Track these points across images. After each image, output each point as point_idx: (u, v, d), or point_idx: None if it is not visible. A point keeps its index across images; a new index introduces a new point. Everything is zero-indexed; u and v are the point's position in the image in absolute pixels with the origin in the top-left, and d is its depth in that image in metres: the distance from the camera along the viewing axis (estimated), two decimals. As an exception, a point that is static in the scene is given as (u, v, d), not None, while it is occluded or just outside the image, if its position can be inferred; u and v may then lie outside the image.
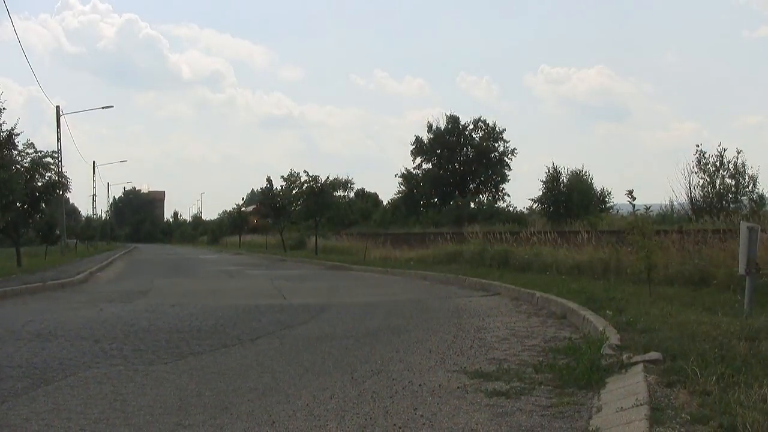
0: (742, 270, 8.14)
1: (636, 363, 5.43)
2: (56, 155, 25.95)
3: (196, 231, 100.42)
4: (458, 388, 5.44)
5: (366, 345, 7.66)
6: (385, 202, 59.15)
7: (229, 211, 67.41)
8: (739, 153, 26.00)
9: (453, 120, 52.88)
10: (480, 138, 52.59)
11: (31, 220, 25.44)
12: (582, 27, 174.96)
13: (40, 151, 23.36)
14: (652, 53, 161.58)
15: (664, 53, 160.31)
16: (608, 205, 38.50)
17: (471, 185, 51.97)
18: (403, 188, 52.25)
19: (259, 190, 48.27)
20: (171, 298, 13.57)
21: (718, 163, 26.23)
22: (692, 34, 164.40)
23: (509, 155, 52.64)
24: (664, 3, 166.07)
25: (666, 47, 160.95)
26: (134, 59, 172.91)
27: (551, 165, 37.83)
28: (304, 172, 35.22)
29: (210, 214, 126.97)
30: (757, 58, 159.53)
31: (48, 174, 23.80)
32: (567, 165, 41.92)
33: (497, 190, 52.50)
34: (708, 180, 26.35)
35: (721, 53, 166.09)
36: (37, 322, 9.62)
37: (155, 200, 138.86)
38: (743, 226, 8.20)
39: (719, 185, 26.16)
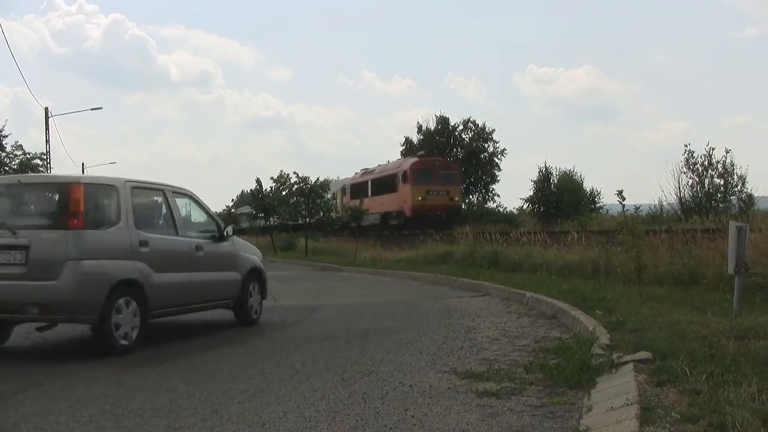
0: (731, 269, 8.17)
1: (626, 362, 5.45)
2: (45, 157, 25.85)
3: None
4: (449, 388, 5.44)
5: (356, 346, 7.65)
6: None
7: (219, 212, 67.57)
8: (727, 153, 26.19)
9: (443, 120, 52.98)
10: (470, 138, 52.71)
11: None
12: (570, 27, 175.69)
13: (29, 153, 23.35)
14: (640, 53, 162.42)
15: (652, 53, 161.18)
16: (598, 205, 38.69)
17: (461, 186, 52.04)
18: (394, 189, 52.24)
19: (249, 191, 48.15)
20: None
21: (706, 163, 26.42)
22: (679, 34, 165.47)
23: (499, 156, 52.81)
24: (651, 3, 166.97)
25: (653, 47, 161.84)
26: (122, 60, 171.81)
27: (542, 165, 38.08)
28: (294, 173, 35.22)
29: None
30: (744, 58, 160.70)
31: (37, 176, 23.70)
32: (557, 165, 42.05)
33: (487, 190, 52.65)
34: (697, 180, 26.53)
35: (709, 53, 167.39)
36: (26, 325, 9.50)
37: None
38: (732, 225, 8.23)
39: (708, 185, 26.34)
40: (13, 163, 22.80)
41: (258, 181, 41.55)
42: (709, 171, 26.34)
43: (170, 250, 8.29)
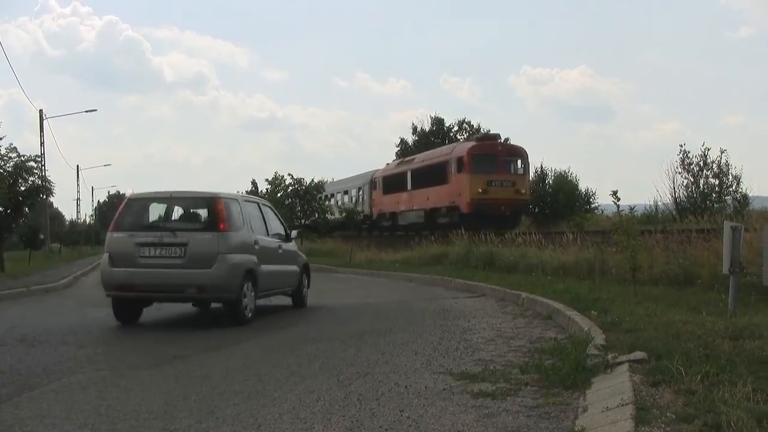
0: (725, 269, 8.19)
1: (621, 363, 5.45)
2: (39, 159, 25.72)
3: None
4: (444, 389, 5.44)
5: (352, 347, 7.64)
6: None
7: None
8: (722, 153, 26.29)
9: (438, 121, 53.05)
10: (465, 139, 52.68)
11: (14, 225, 25.22)
12: (564, 28, 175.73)
13: (23, 156, 23.21)
14: (634, 53, 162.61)
15: (646, 53, 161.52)
16: (593, 205, 38.78)
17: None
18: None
19: (244, 192, 48.20)
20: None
21: (701, 163, 26.51)
22: (674, 34, 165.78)
23: (495, 156, 52.69)
24: (645, 3, 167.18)
25: (647, 47, 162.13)
26: (116, 62, 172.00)
27: (538, 165, 38.08)
28: (289, 174, 35.28)
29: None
30: (738, 58, 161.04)
31: (31, 178, 23.62)
32: (552, 165, 42.15)
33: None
34: (692, 180, 26.63)
35: (703, 53, 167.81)
36: (21, 328, 9.53)
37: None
38: (727, 225, 8.25)
39: (703, 185, 26.43)
40: (8, 165, 22.65)
41: (253, 182, 41.66)
42: (704, 171, 26.44)
43: (268, 247, 10.69)
